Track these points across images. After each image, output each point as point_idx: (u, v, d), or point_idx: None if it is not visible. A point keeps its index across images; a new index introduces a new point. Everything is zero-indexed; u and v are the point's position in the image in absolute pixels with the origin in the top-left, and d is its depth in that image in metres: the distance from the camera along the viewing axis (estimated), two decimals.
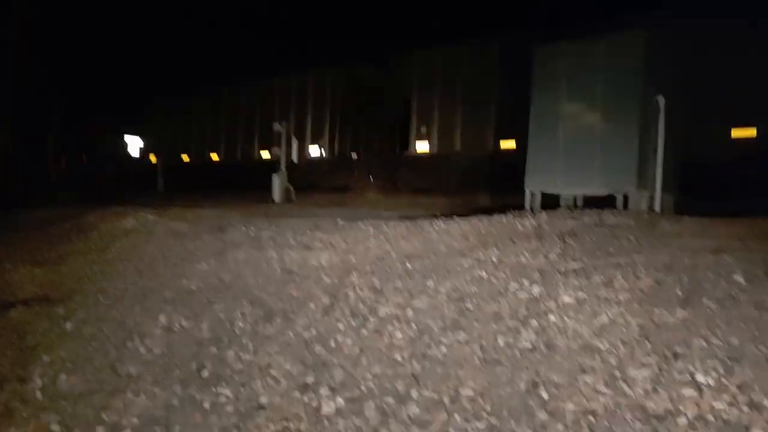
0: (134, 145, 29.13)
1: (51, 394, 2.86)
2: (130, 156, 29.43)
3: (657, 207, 8.11)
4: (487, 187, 14.93)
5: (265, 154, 22.58)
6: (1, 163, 13.11)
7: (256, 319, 3.80)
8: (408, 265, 4.96)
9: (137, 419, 2.59)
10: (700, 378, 2.51)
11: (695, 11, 10.51)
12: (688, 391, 2.41)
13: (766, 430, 2.08)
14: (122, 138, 29.14)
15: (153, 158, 28.57)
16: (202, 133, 27.65)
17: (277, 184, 15.64)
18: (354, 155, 20.65)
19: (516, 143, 15.17)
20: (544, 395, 2.53)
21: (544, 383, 2.64)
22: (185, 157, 28.36)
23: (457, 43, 17.87)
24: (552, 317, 3.37)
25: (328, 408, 2.60)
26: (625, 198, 8.25)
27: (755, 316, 3.15)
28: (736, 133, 11.65)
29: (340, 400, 2.65)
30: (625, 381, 2.57)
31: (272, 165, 16.95)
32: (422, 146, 18.78)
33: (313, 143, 22.24)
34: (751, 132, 11.52)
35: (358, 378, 2.86)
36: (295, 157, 17.02)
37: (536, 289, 3.87)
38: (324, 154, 22.05)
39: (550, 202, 9.54)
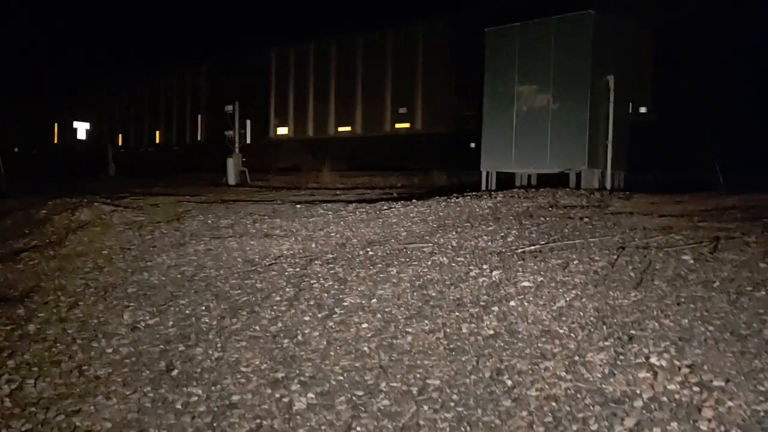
0: (82, 129, 28.39)
1: (19, 400, 2.84)
2: (79, 141, 28.69)
3: (608, 184, 8.36)
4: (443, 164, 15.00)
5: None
6: None
7: (221, 314, 3.82)
8: (369, 251, 5.03)
9: (110, 423, 2.61)
10: (654, 360, 2.65)
11: None
12: (643, 374, 2.55)
13: (716, 410, 2.22)
14: (71, 124, 28.36)
15: (157, 137, 27.54)
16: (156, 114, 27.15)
17: (232, 167, 15.50)
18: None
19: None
20: (509, 382, 2.64)
21: (508, 370, 2.74)
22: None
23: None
24: (512, 302, 3.48)
25: (299, 404, 2.65)
26: (578, 175, 8.46)
27: (703, 296, 3.31)
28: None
29: (311, 395, 2.71)
30: (584, 365, 2.69)
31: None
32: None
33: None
34: None
35: (328, 371, 2.93)
36: (248, 139, 16.84)
37: (496, 274, 3.99)
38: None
39: (506, 179, 9.73)
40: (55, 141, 29.92)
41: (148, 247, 5.66)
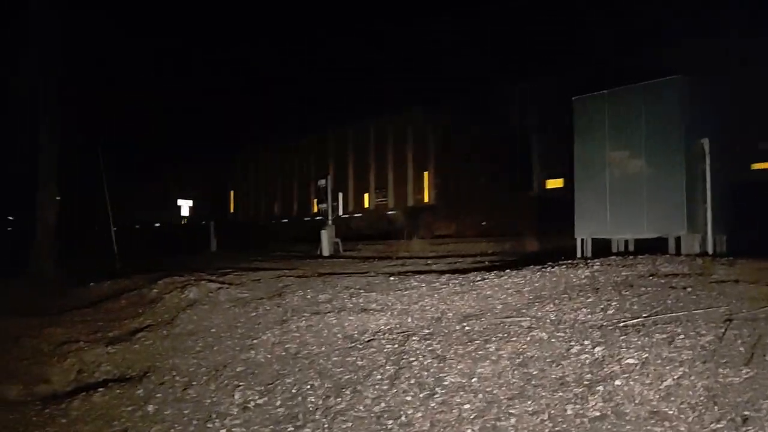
0: (185, 207, 30.02)
1: None
2: (182, 218, 30.31)
3: (710, 249, 8.07)
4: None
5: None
6: (46, 239, 12.98)
7: (326, 393, 3.95)
8: (466, 326, 5.05)
9: None
10: None
11: None
12: None
13: None
14: (175, 202, 30.10)
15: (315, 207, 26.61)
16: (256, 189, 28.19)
17: (326, 239, 15.92)
18: None
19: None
20: None
21: None
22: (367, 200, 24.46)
23: None
24: (618, 381, 3.43)
25: None
26: (677, 240, 8.23)
27: None
28: None
29: None
30: None
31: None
32: None
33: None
34: None
35: None
36: (340, 211, 17.35)
37: (599, 350, 3.94)
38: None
39: (601, 244, 9.56)
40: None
41: (254, 325, 5.90)
